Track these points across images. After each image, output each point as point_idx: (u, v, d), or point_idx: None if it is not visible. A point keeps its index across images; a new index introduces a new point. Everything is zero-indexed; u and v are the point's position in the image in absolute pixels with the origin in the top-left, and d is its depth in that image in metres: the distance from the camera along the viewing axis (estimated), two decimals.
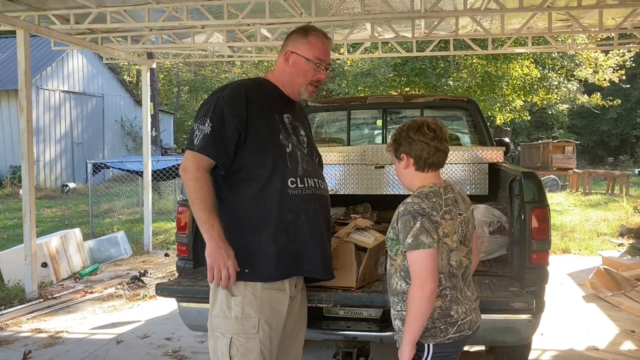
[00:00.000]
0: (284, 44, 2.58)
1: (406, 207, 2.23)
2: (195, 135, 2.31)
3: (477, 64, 16.41)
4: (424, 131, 2.29)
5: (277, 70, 2.58)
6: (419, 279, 2.15)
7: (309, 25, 2.67)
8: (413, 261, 2.17)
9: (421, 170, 2.34)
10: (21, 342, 4.95)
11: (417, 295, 2.14)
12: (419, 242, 2.15)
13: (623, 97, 28.67)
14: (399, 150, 2.36)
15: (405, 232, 2.18)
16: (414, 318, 2.17)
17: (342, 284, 2.90)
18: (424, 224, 2.16)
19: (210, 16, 6.73)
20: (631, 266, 6.85)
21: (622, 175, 18.87)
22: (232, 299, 2.32)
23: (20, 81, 6.46)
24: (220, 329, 2.34)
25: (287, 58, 2.52)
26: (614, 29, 7.61)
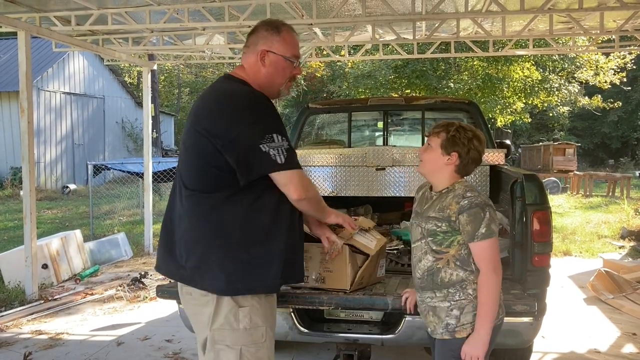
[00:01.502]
0: (253, 40, 2.43)
1: (471, 200, 2.33)
2: (273, 155, 2.19)
3: (478, 66, 16.41)
4: (483, 145, 2.45)
5: (251, 71, 2.41)
6: (492, 264, 2.31)
7: (275, 20, 2.50)
8: (485, 248, 2.31)
9: (458, 172, 2.44)
10: (21, 344, 4.95)
11: (494, 280, 2.30)
12: (491, 230, 2.30)
13: (624, 99, 28.65)
14: (454, 149, 2.40)
15: (477, 223, 2.30)
16: (493, 305, 2.31)
17: (337, 286, 2.90)
18: (491, 214, 2.32)
19: (211, 18, 6.73)
20: (632, 269, 6.84)
21: (623, 178, 18.86)
22: (239, 310, 2.26)
23: (21, 83, 6.46)
24: (225, 342, 2.26)
25: (262, 58, 2.38)
26: (615, 31, 7.61)
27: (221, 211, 2.26)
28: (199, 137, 2.28)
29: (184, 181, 2.36)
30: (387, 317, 3.09)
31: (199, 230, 2.29)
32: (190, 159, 2.34)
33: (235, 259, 2.25)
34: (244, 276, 2.24)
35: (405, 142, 6.87)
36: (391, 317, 3.06)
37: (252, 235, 2.26)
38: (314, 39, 8.10)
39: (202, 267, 2.27)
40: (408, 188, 4.71)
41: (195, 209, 2.30)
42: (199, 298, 2.31)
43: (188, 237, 2.32)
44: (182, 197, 2.37)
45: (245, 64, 2.45)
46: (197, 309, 2.36)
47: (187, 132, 2.38)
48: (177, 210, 2.41)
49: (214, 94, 2.40)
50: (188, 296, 2.38)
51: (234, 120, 2.22)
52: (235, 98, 2.30)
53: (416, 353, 4.37)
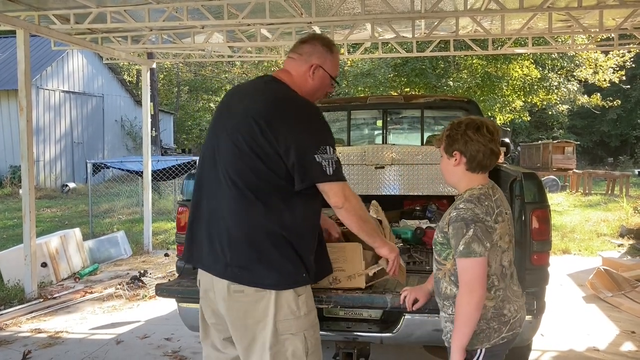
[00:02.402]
0: (307, 51, 2.55)
1: (459, 213, 2.20)
2: (324, 167, 2.33)
3: (477, 64, 16.41)
4: (483, 132, 2.26)
5: (299, 79, 2.53)
6: (467, 286, 2.17)
7: (329, 39, 2.68)
8: (463, 268, 2.18)
9: (472, 170, 2.30)
10: (21, 342, 4.95)
11: (466, 302, 2.16)
12: (470, 250, 2.14)
13: (623, 97, 28.68)
14: (453, 147, 2.30)
15: (457, 239, 2.17)
16: (463, 324, 2.18)
17: (352, 284, 2.89)
18: (476, 232, 2.14)
19: (210, 16, 6.72)
20: (631, 267, 6.85)
21: (622, 176, 18.88)
22: (298, 298, 2.38)
23: (20, 81, 6.45)
24: (290, 330, 2.37)
25: (313, 71, 2.53)
26: (614, 29, 7.61)
27: (275, 214, 2.35)
28: (258, 137, 2.32)
29: (233, 179, 2.37)
30: (386, 315, 3.10)
31: (251, 231, 2.35)
32: (245, 157, 2.35)
33: (289, 256, 2.36)
34: (298, 269, 2.37)
35: (405, 140, 6.87)
36: (390, 316, 3.06)
37: (303, 234, 2.41)
38: None
39: (254, 267, 2.34)
40: (407, 186, 4.72)
41: (247, 208, 2.36)
42: (253, 294, 2.35)
43: (236, 236, 2.37)
44: (227, 193, 2.40)
45: (292, 71, 2.55)
46: (248, 305, 2.37)
47: (240, 130, 2.38)
48: (214, 205, 2.45)
49: (273, 97, 2.44)
50: (238, 294, 2.36)
51: (296, 128, 2.34)
52: (298, 107, 2.43)
53: (415, 351, 4.38)
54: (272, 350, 2.35)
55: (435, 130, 6.73)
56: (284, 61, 2.66)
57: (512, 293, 2.31)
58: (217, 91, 36.45)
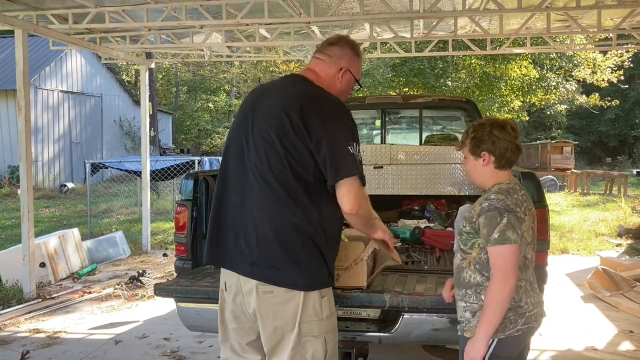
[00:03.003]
0: (336, 53, 2.56)
1: (491, 203, 2.28)
2: (357, 162, 2.33)
3: (476, 64, 16.41)
4: (508, 130, 2.36)
5: (327, 81, 2.54)
6: (503, 273, 2.22)
7: (356, 43, 2.70)
8: (498, 255, 2.24)
9: (500, 168, 2.39)
10: (19, 343, 4.94)
11: (499, 287, 2.22)
12: (505, 237, 2.21)
13: (621, 97, 28.73)
14: (481, 148, 2.38)
15: (491, 228, 2.24)
16: (494, 311, 2.23)
17: (353, 283, 2.90)
18: (510, 220, 2.22)
19: (209, 16, 6.72)
20: (629, 266, 6.85)
21: (620, 176, 18.91)
22: (322, 300, 2.38)
23: (18, 81, 6.45)
24: (313, 332, 2.36)
25: (342, 74, 2.56)
26: (612, 29, 7.62)
27: (304, 212, 2.33)
28: (289, 131, 2.31)
29: (264, 175, 2.36)
30: (385, 314, 3.10)
31: (281, 229, 2.33)
32: (277, 153, 2.33)
33: (316, 256, 2.35)
34: (322, 270, 2.38)
35: (403, 140, 6.88)
36: (389, 315, 3.06)
37: (328, 235, 2.40)
38: (312, 37, 8.10)
39: (283, 266, 2.32)
40: (405, 186, 4.72)
41: (276, 206, 2.34)
42: (283, 295, 2.32)
43: (265, 234, 2.34)
44: (256, 190, 2.37)
45: (321, 73, 2.56)
46: (277, 306, 2.34)
47: (271, 127, 2.37)
48: (241, 202, 2.42)
49: (303, 93, 2.43)
50: (267, 295, 2.34)
51: (328, 122, 2.32)
52: (330, 102, 2.42)
53: (414, 350, 4.39)
54: (293, 351, 2.34)
55: (433, 130, 6.74)
56: (310, 61, 2.66)
57: (532, 287, 2.37)
58: (216, 91, 36.48)
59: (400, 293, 2.88)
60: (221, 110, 36.78)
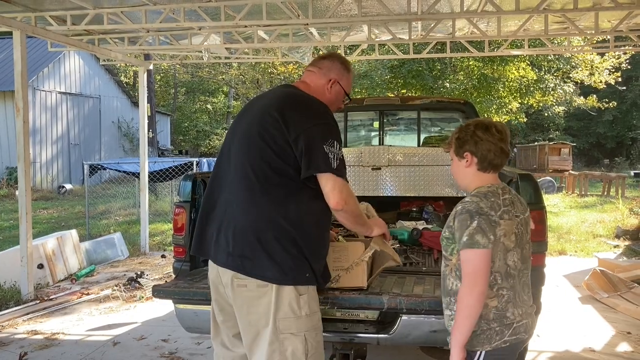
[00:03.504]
0: (327, 65, 2.70)
1: (464, 206, 2.22)
2: (330, 158, 2.39)
3: (474, 66, 16.43)
4: (492, 131, 2.29)
5: (316, 91, 2.65)
6: (470, 278, 2.15)
7: (347, 60, 2.84)
8: (465, 260, 2.17)
9: (483, 170, 2.32)
10: (17, 344, 4.94)
11: (467, 293, 2.14)
12: (473, 241, 2.14)
13: (619, 99, 28.77)
14: (463, 149, 2.32)
15: (462, 231, 2.17)
16: (463, 318, 2.16)
17: (354, 284, 2.90)
18: (480, 224, 2.15)
19: (207, 18, 6.72)
20: (627, 268, 6.87)
21: (618, 177, 18.94)
22: (300, 297, 2.40)
23: (16, 82, 6.45)
24: (290, 330, 2.39)
25: (331, 85, 2.68)
26: (610, 31, 7.64)
27: (281, 206, 2.39)
28: (269, 127, 2.42)
29: (245, 170, 2.45)
30: (383, 316, 3.10)
31: (256, 221, 2.39)
32: (257, 147, 2.43)
33: (291, 251, 2.38)
34: (300, 267, 2.40)
35: (401, 142, 6.89)
36: (387, 316, 3.07)
37: (307, 230, 2.42)
38: (310, 39, 8.10)
39: (256, 257, 2.37)
40: (403, 188, 4.73)
41: (254, 199, 2.41)
42: (256, 289, 2.38)
43: (241, 226, 2.40)
44: (238, 186, 2.46)
45: (310, 83, 2.70)
46: (251, 301, 2.40)
47: (253, 124, 2.49)
48: (225, 197, 2.51)
49: (287, 94, 2.60)
50: (241, 288, 2.40)
51: (307, 118, 2.44)
52: (311, 102, 2.56)
53: (412, 352, 4.39)
54: (271, 348, 2.37)
55: (431, 132, 6.75)
56: (302, 74, 2.80)
57: (520, 298, 2.28)
58: (214, 92, 36.48)
59: (399, 294, 2.88)
60: (219, 111, 36.79)
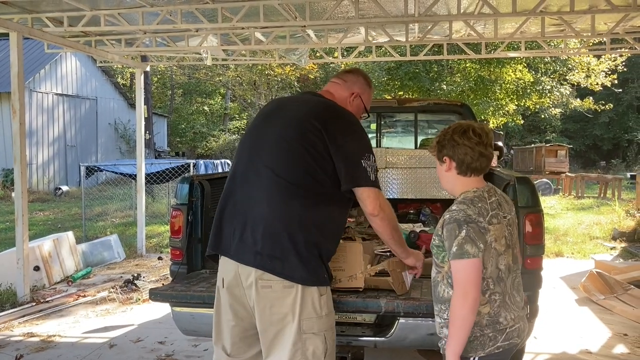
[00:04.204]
0: (351, 79, 2.83)
1: (452, 215, 2.20)
2: (369, 172, 2.50)
3: (471, 68, 16.47)
4: (469, 135, 2.26)
5: (340, 102, 2.74)
6: (461, 288, 2.13)
7: (369, 77, 2.98)
8: (456, 270, 2.15)
9: (463, 174, 2.30)
10: (13, 347, 4.92)
11: (460, 304, 2.13)
12: (463, 251, 2.12)
13: (615, 101, 28.84)
14: (442, 153, 2.33)
15: (451, 241, 2.16)
16: (457, 329, 2.15)
17: (351, 285, 2.91)
18: (469, 233, 2.13)
19: (204, 19, 6.72)
20: (624, 269, 6.88)
21: (615, 179, 18.99)
22: (321, 298, 2.46)
23: (13, 84, 6.43)
24: (313, 330, 2.43)
25: (354, 98, 2.80)
26: (606, 34, 7.66)
27: (311, 210, 2.46)
28: (310, 134, 2.47)
29: (277, 172, 2.47)
30: (380, 319, 3.10)
31: (289, 223, 2.42)
32: (295, 151, 2.48)
33: (315, 252, 2.44)
34: (320, 268, 2.47)
35: (398, 144, 6.89)
36: (384, 320, 3.06)
37: (328, 234, 2.52)
38: (308, 41, 8.11)
39: (286, 258, 2.40)
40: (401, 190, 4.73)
41: (287, 200, 2.44)
42: (281, 290, 2.40)
43: (272, 226, 2.43)
44: (268, 186, 2.48)
45: (335, 93, 2.79)
46: (274, 301, 2.41)
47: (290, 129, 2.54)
48: (251, 197, 2.52)
49: (326, 104, 2.67)
50: (266, 289, 2.41)
51: (348, 132, 2.55)
52: (349, 115, 2.68)
53: (409, 355, 4.39)
54: (295, 347, 2.40)
55: (429, 134, 6.76)
56: (326, 84, 2.90)
57: (512, 301, 2.27)
58: (211, 94, 36.44)
59: (396, 298, 2.88)
60: (216, 113, 36.74)
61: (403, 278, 2.96)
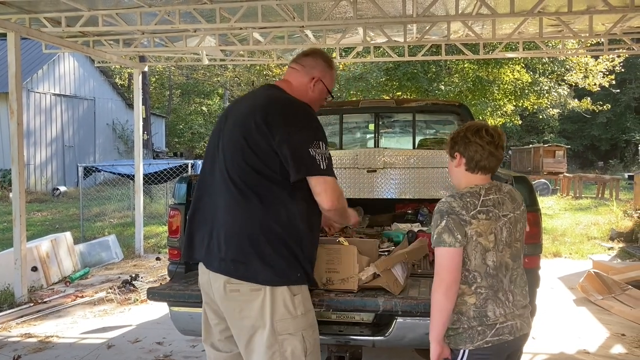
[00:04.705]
0: (309, 63, 2.67)
1: (438, 206, 2.30)
2: (318, 161, 2.39)
3: (469, 68, 16.48)
4: (482, 134, 2.35)
5: (299, 89, 2.64)
6: (438, 274, 2.23)
7: (330, 56, 2.81)
8: (436, 256, 2.26)
9: (471, 171, 2.38)
10: (10, 347, 4.91)
11: (435, 290, 2.23)
12: (441, 240, 2.22)
13: (613, 101, 28.92)
14: (454, 149, 2.41)
15: (433, 229, 2.27)
16: (435, 312, 2.24)
17: (344, 287, 2.91)
18: (448, 223, 2.22)
19: (202, 20, 6.72)
20: (621, 270, 6.89)
21: (612, 180, 19.03)
22: (294, 298, 2.42)
23: (10, 84, 6.42)
24: (288, 330, 2.40)
25: (315, 83, 2.66)
26: (604, 34, 7.67)
27: (270, 209, 2.40)
28: (254, 132, 2.41)
29: (232, 176, 2.44)
30: (379, 318, 3.10)
31: (246, 225, 2.39)
32: (242, 153, 2.43)
33: (282, 253, 2.39)
34: (292, 267, 2.41)
35: (397, 144, 6.89)
36: (382, 319, 3.06)
37: (297, 231, 2.43)
38: (306, 41, 8.11)
39: (248, 261, 2.37)
40: (399, 190, 4.73)
41: (243, 204, 2.41)
42: (248, 294, 2.38)
43: (231, 231, 2.42)
44: (225, 190, 2.46)
45: (293, 81, 2.67)
46: (243, 305, 2.40)
47: (237, 128, 2.48)
48: (214, 202, 2.52)
49: (269, 97, 2.55)
50: (234, 293, 2.40)
51: (291, 123, 2.42)
52: (292, 105, 2.52)
53: (407, 354, 4.39)
54: (271, 350, 2.38)
55: (426, 134, 6.76)
56: (285, 71, 2.78)
57: (506, 298, 2.29)
58: (209, 94, 36.44)
59: (394, 297, 2.88)
60: (214, 113, 36.71)
61: (394, 275, 2.96)
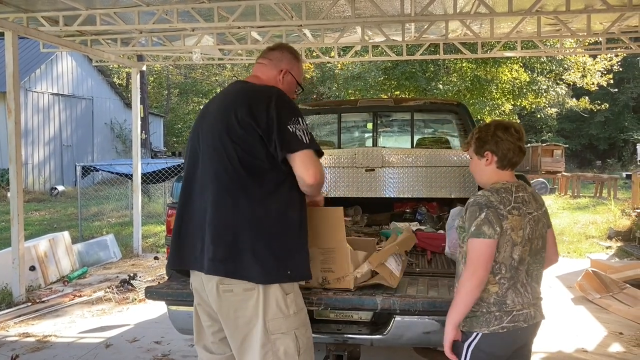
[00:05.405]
0: (276, 57, 2.71)
1: (475, 199, 2.36)
2: (299, 135, 2.39)
3: (467, 67, 16.49)
4: (511, 132, 2.45)
5: (269, 83, 2.64)
6: (472, 265, 2.29)
7: (295, 49, 2.86)
8: (471, 248, 2.30)
9: (502, 168, 2.46)
10: (8, 347, 4.91)
11: (466, 279, 2.28)
12: (480, 231, 2.28)
13: (611, 101, 28.95)
14: (484, 148, 2.47)
15: (470, 221, 2.32)
16: (460, 301, 2.30)
17: (340, 285, 2.91)
18: (488, 216, 2.29)
19: (200, 19, 6.71)
20: (619, 269, 6.90)
21: (610, 179, 19.05)
22: (286, 297, 2.42)
23: (8, 83, 6.41)
24: (281, 330, 2.40)
25: (283, 75, 2.68)
26: (602, 33, 7.68)
27: (258, 204, 2.38)
28: (235, 126, 2.39)
29: (217, 173, 2.43)
30: (377, 317, 3.10)
31: (233, 222, 2.38)
32: (226, 149, 2.41)
33: (272, 249, 2.38)
34: (282, 265, 2.39)
35: (395, 143, 6.90)
36: (380, 317, 3.07)
37: (287, 228, 2.43)
38: (304, 40, 8.10)
39: (237, 258, 2.36)
40: (397, 189, 4.73)
41: (229, 201, 2.39)
42: (242, 293, 2.38)
43: (218, 230, 2.39)
44: (210, 189, 2.44)
45: (262, 76, 2.68)
46: (237, 304, 2.40)
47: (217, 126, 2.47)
48: (200, 204, 2.49)
49: (244, 91, 2.54)
50: (227, 294, 2.39)
51: (267, 106, 2.40)
52: (263, 91, 2.51)
53: (405, 353, 4.39)
54: (263, 349, 2.38)
55: (425, 133, 6.76)
56: (253, 67, 2.80)
57: (526, 290, 2.39)
58: (208, 94, 36.36)
59: (392, 295, 2.88)
60: None
61: (389, 268, 2.96)
